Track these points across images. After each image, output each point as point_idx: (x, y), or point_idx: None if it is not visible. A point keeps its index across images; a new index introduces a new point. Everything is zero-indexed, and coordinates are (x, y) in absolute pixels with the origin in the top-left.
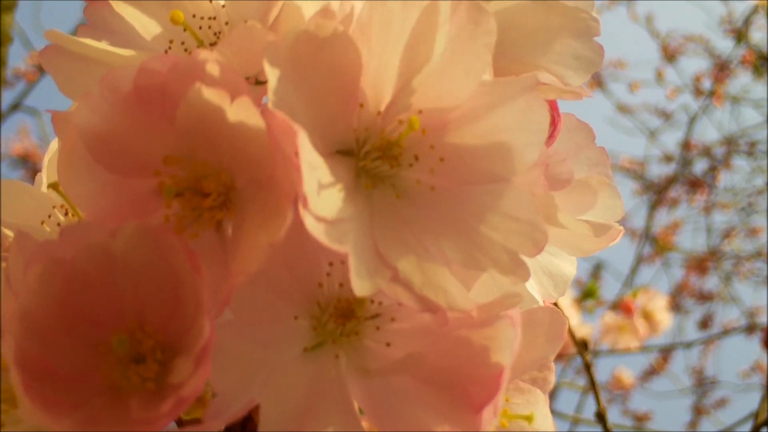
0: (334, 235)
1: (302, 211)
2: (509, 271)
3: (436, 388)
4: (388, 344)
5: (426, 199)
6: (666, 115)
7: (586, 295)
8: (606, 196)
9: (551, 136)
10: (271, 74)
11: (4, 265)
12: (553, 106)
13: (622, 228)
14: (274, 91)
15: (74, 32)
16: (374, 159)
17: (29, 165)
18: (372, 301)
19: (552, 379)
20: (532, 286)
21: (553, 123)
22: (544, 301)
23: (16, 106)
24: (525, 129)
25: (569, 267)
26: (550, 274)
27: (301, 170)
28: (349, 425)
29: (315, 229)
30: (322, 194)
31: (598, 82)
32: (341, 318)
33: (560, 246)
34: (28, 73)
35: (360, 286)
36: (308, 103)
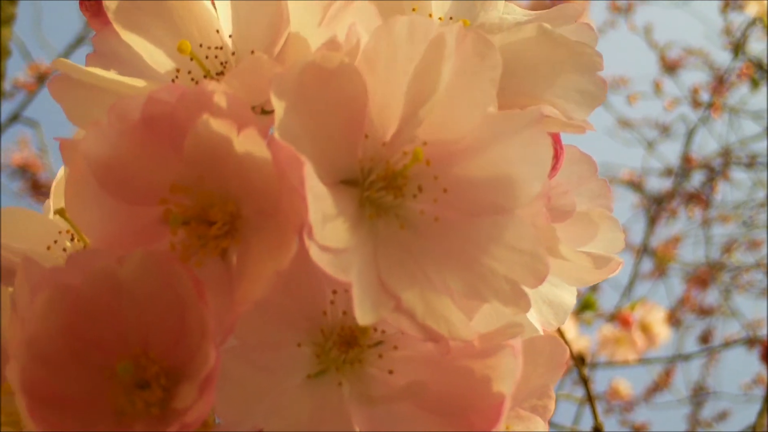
0: (338, 264)
1: (307, 241)
2: (511, 302)
3: (438, 416)
4: (390, 372)
5: (429, 229)
6: (665, 129)
7: (584, 307)
8: (607, 229)
9: (554, 169)
10: (278, 105)
11: (10, 290)
12: (556, 139)
13: (622, 260)
14: (280, 122)
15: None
16: (378, 189)
17: (28, 175)
18: (375, 329)
19: (552, 407)
20: (532, 315)
21: (556, 155)
22: (543, 330)
23: (15, 117)
24: (528, 162)
25: (569, 297)
26: (550, 303)
27: (307, 200)
28: None
29: (320, 258)
30: (327, 224)
31: None
32: (344, 345)
33: (561, 276)
34: (28, 84)
35: (363, 315)
36: (314, 134)
